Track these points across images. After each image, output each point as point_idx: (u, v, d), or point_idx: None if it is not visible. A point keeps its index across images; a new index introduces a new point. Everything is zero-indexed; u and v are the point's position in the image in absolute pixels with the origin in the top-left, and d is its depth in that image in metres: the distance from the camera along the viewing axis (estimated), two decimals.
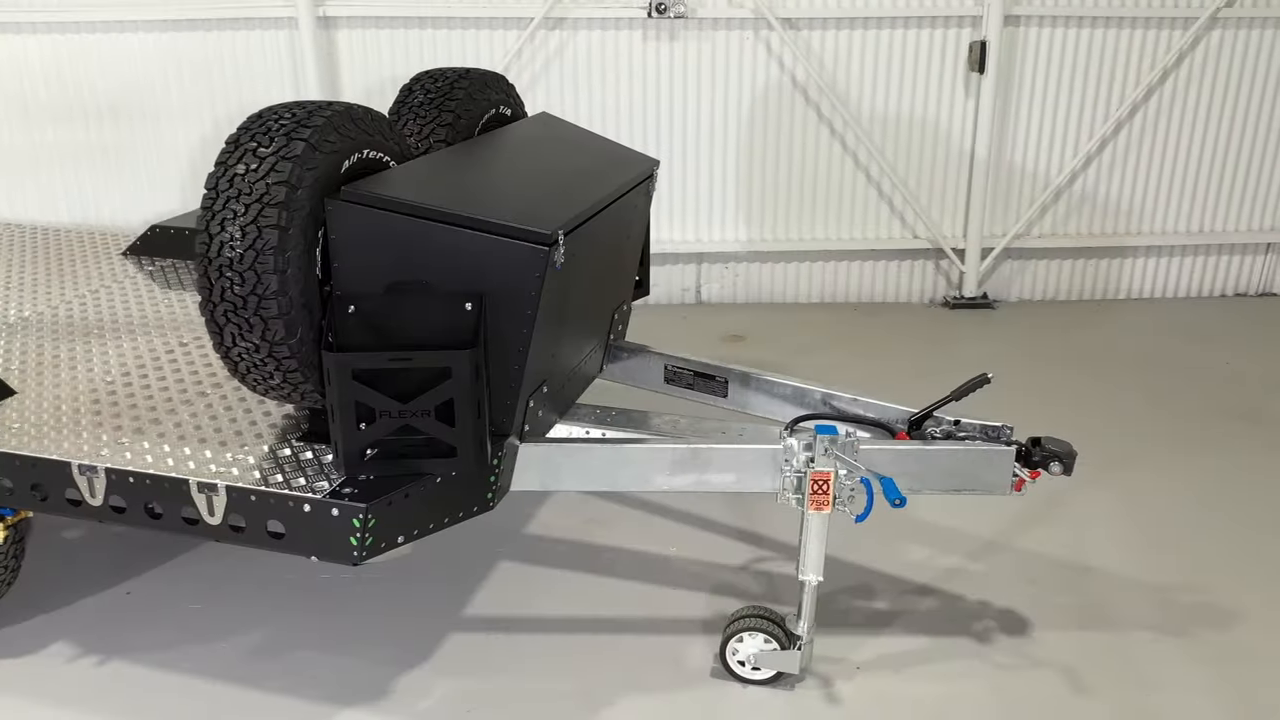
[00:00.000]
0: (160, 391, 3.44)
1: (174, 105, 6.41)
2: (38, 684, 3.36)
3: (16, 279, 4.58)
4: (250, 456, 3.00)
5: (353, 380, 2.77)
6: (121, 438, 3.12)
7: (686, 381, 3.97)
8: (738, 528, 4.26)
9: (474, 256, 2.92)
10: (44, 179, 6.51)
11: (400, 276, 2.95)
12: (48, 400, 3.38)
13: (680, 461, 3.24)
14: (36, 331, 3.96)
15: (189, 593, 3.83)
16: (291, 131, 2.85)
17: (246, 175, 2.79)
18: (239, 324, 2.82)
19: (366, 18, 6.30)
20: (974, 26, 6.47)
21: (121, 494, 2.97)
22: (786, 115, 6.61)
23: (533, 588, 3.87)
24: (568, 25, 6.37)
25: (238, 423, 3.22)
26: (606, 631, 3.63)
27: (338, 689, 3.34)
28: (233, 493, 2.85)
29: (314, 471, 2.92)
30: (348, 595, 3.81)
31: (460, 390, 2.79)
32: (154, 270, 4.70)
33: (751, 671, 3.35)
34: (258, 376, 2.94)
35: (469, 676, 3.40)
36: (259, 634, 3.61)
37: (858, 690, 3.34)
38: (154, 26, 6.26)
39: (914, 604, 3.77)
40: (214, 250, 2.78)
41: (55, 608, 3.74)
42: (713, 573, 3.97)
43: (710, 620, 3.67)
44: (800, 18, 6.39)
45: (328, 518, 2.78)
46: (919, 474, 3.22)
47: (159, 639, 3.57)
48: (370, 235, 2.91)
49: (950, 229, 6.89)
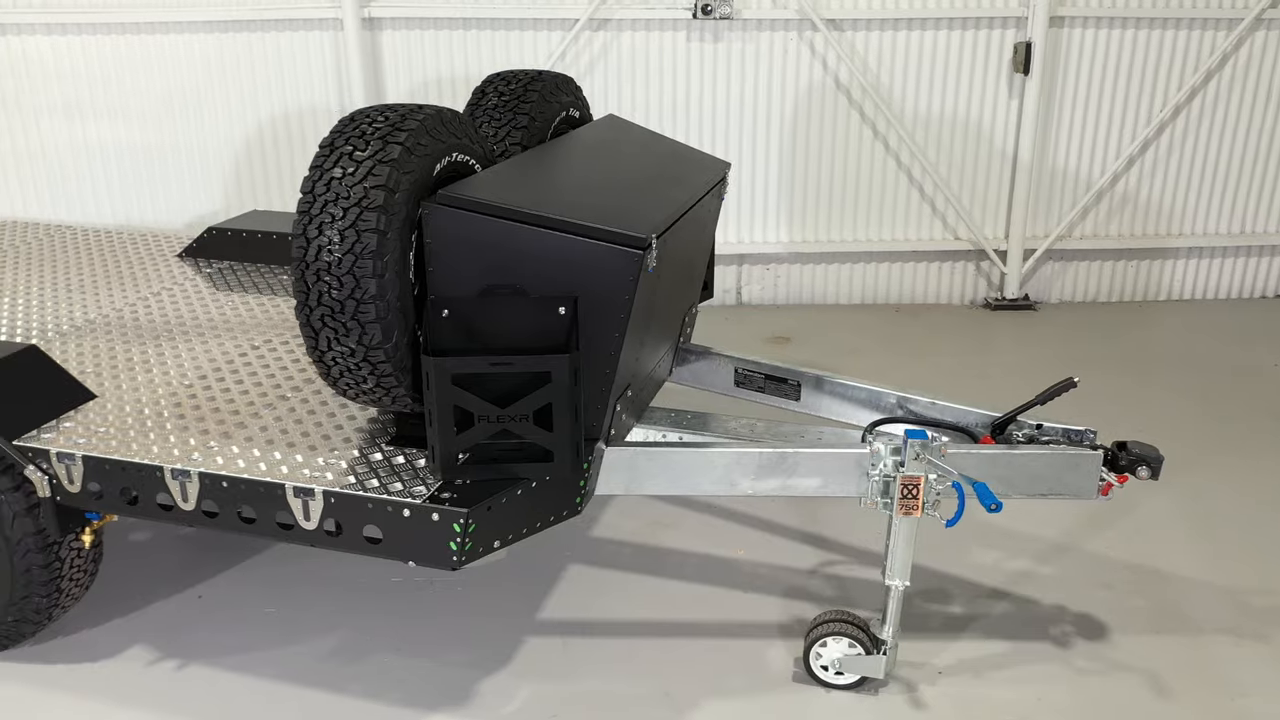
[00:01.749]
0: (240, 395, 3.44)
1: (217, 106, 6.40)
2: (121, 687, 3.35)
3: (76, 281, 4.58)
4: (342, 461, 3.00)
5: (452, 384, 2.76)
6: (209, 441, 3.12)
7: (758, 385, 3.96)
8: (802, 530, 4.25)
9: (568, 260, 2.91)
10: (86, 179, 6.50)
11: (493, 280, 2.94)
12: (128, 403, 3.38)
13: (766, 465, 3.23)
14: (106, 334, 3.96)
15: (260, 596, 3.82)
16: (387, 135, 2.84)
17: (344, 179, 2.78)
18: (335, 328, 2.82)
19: (411, 19, 6.29)
20: (1018, 27, 6.46)
21: (214, 498, 2.96)
22: (829, 116, 6.60)
23: (604, 591, 3.86)
24: (611, 26, 6.36)
25: (323, 426, 3.21)
26: (683, 635, 3.62)
27: (421, 693, 3.33)
28: (330, 497, 2.84)
29: (409, 476, 2.92)
30: (420, 599, 3.80)
31: (559, 394, 2.79)
32: (212, 272, 4.69)
33: (835, 676, 3.34)
34: (350, 380, 2.94)
35: (551, 680, 3.39)
36: (335, 637, 3.60)
37: (941, 695, 3.33)
38: (198, 28, 6.25)
39: (989, 608, 3.76)
40: (311, 254, 2.78)
41: (128, 611, 3.73)
42: (782, 576, 3.96)
43: (787, 624, 3.66)
44: (844, 19, 6.38)
45: (427, 522, 2.78)
46: (1006, 478, 3.21)
47: (236, 642, 3.57)
48: (465, 239, 2.90)
49: (991, 230, 6.88)
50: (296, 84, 6.37)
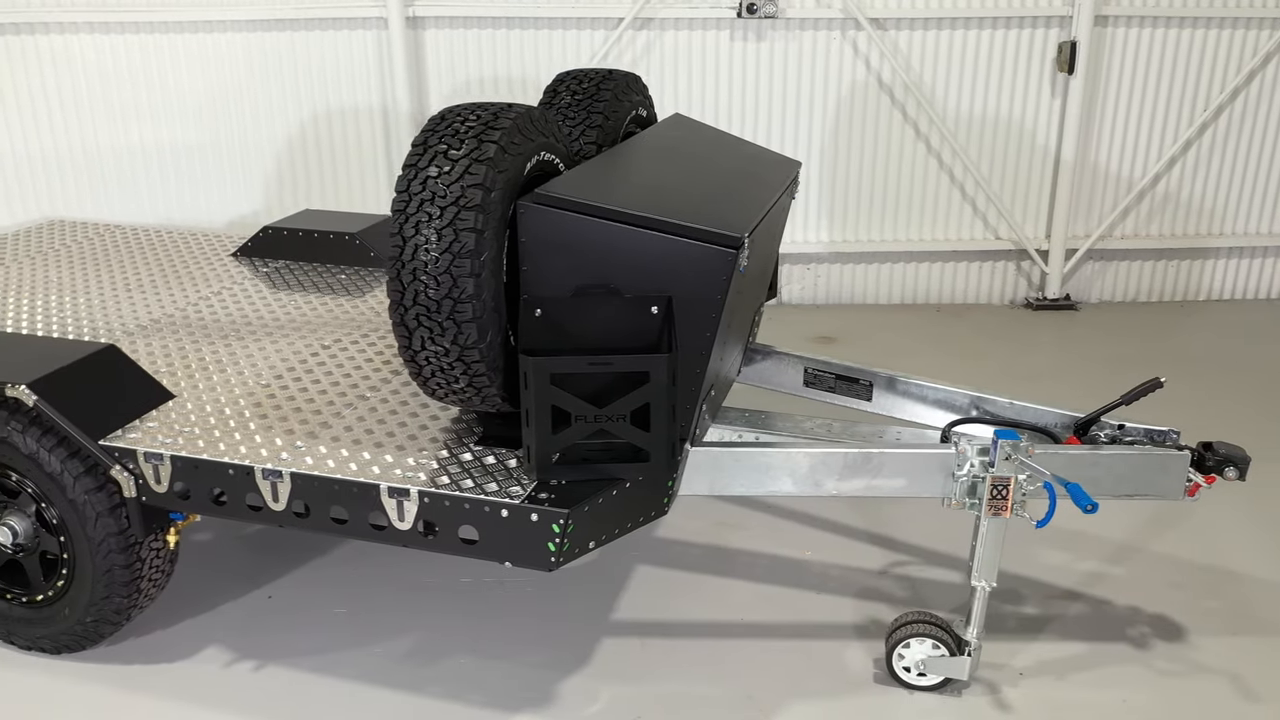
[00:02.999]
0: (319, 394, 3.42)
1: (259, 105, 6.39)
2: (200, 688, 3.34)
3: (135, 280, 4.56)
4: (432, 461, 2.98)
5: (550, 384, 2.75)
6: (295, 441, 3.10)
7: (828, 384, 3.94)
8: (867, 531, 4.24)
9: (662, 260, 2.90)
10: (128, 178, 6.48)
11: (586, 279, 2.93)
12: (208, 403, 3.36)
13: (851, 466, 3.21)
14: (173, 333, 3.94)
15: (330, 597, 3.80)
16: (481, 134, 2.83)
17: (440, 178, 2.76)
18: (431, 328, 2.80)
19: (454, 18, 6.27)
20: (1061, 26, 6.44)
21: (306, 499, 2.95)
22: (871, 116, 6.58)
23: (675, 592, 3.85)
24: (655, 25, 6.35)
25: (407, 426, 3.20)
26: (759, 636, 3.60)
27: (502, 695, 3.32)
28: (425, 497, 2.83)
29: (502, 477, 2.90)
30: (491, 600, 3.79)
31: (657, 394, 2.77)
32: (269, 272, 4.68)
33: (917, 677, 3.32)
34: (442, 380, 2.92)
35: (631, 682, 3.38)
36: (410, 639, 3.58)
37: (1025, 697, 3.31)
38: (241, 26, 6.23)
39: (1063, 609, 3.74)
40: (408, 253, 2.76)
41: (199, 612, 3.71)
42: (852, 577, 3.94)
43: (862, 625, 3.65)
44: (888, 18, 6.36)
45: (526, 523, 2.76)
46: (1093, 479, 3.19)
47: (311, 644, 3.55)
48: (559, 238, 2.88)
49: (1032, 230, 6.86)
50: (339, 83, 6.36)
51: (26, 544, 3.34)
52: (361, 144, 6.47)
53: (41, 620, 3.39)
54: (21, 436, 3.14)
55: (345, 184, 6.55)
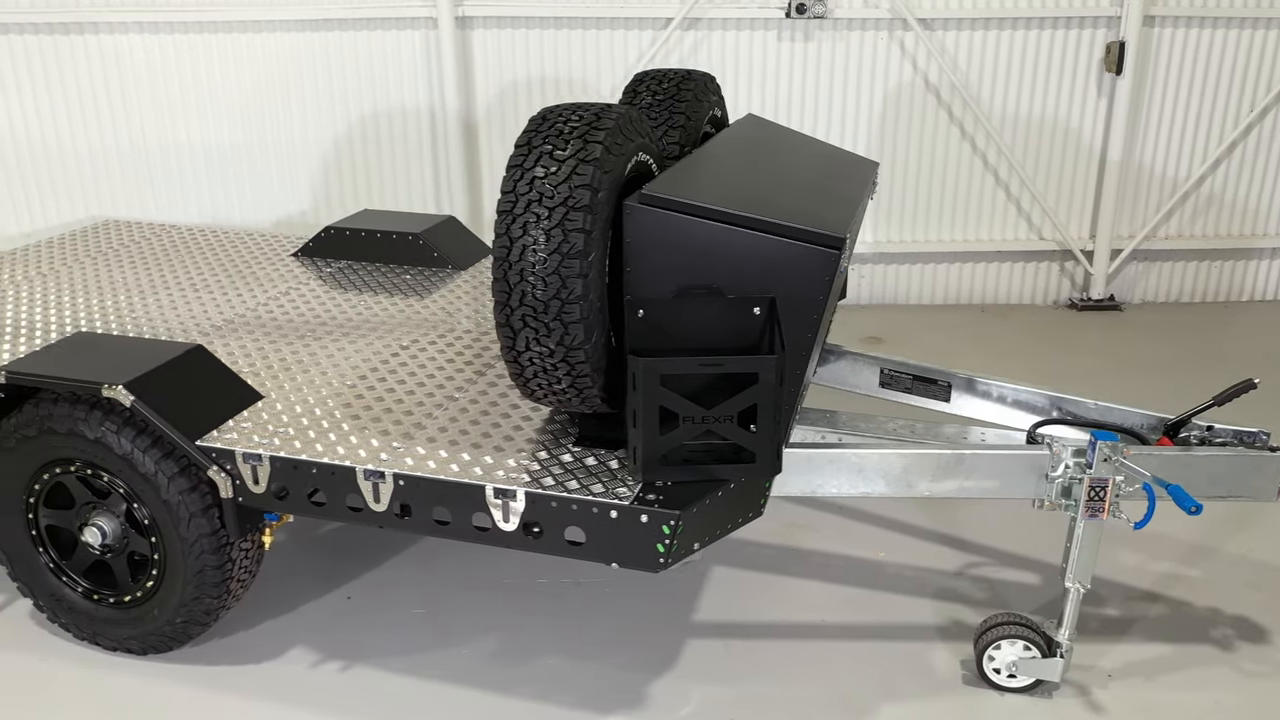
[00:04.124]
0: (407, 395, 3.42)
1: (306, 105, 6.38)
2: (288, 689, 3.34)
3: (200, 280, 4.56)
4: (533, 462, 2.98)
5: (660, 385, 2.74)
6: (392, 442, 3.10)
7: (904, 385, 3.94)
8: (938, 532, 4.23)
9: (765, 260, 2.89)
10: (175, 177, 6.48)
11: (687, 280, 2.92)
12: (296, 404, 3.36)
13: (945, 467, 3.21)
14: (250, 334, 3.94)
15: (408, 598, 3.80)
16: (585, 134, 2.82)
17: (547, 178, 2.76)
18: (537, 328, 2.79)
19: (503, 18, 6.27)
20: (1109, 27, 6.43)
21: (408, 500, 2.94)
22: (918, 116, 6.57)
23: (752, 593, 3.84)
24: (703, 25, 6.34)
25: (501, 427, 3.19)
26: (842, 638, 3.60)
27: (593, 696, 3.31)
28: (532, 499, 2.82)
29: (606, 478, 2.90)
30: (570, 600, 3.78)
31: (765, 395, 2.76)
32: (333, 272, 4.67)
33: (1008, 679, 3.32)
34: (544, 381, 2.91)
35: (720, 683, 3.38)
36: (495, 639, 3.58)
37: (1116, 699, 3.31)
38: (290, 26, 6.23)
39: (1144, 610, 3.74)
40: (515, 254, 2.75)
41: (279, 613, 3.71)
42: (928, 578, 3.94)
43: (945, 626, 3.64)
44: (936, 18, 6.35)
45: (636, 524, 2.76)
46: (1185, 481, 3.17)
47: (394, 644, 3.55)
48: (664, 238, 2.88)
49: (1076, 230, 6.85)
50: (387, 83, 6.35)
51: (114, 545, 3.33)
52: (408, 144, 6.47)
53: (130, 621, 3.38)
54: (116, 437, 3.13)
55: (391, 184, 6.54)
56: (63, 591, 3.43)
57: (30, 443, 3.25)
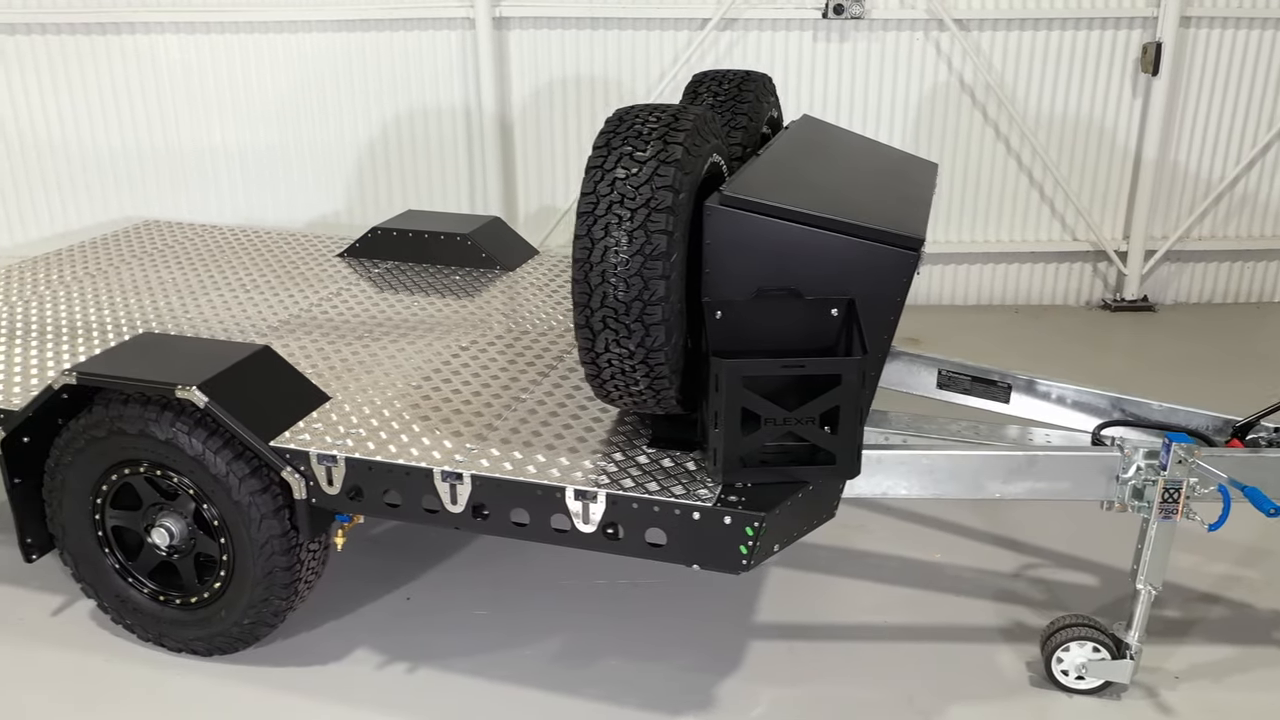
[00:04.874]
0: (473, 396, 3.41)
1: (341, 105, 6.38)
2: (355, 690, 3.33)
3: (249, 281, 4.55)
4: (609, 464, 2.97)
5: (743, 387, 2.74)
6: (465, 444, 3.09)
7: (963, 386, 3.93)
8: (991, 533, 4.23)
9: (843, 261, 2.89)
10: (209, 178, 6.48)
11: (766, 281, 2.92)
12: (364, 405, 3.35)
13: (1016, 469, 3.20)
14: (308, 334, 3.93)
15: (470, 599, 3.80)
16: (665, 135, 2.82)
17: (628, 179, 2.76)
18: (617, 329, 2.79)
19: (539, 18, 6.26)
20: (1144, 27, 6.43)
21: (486, 501, 2.94)
22: (953, 116, 6.57)
23: (811, 594, 3.84)
24: (739, 26, 6.34)
25: (573, 429, 3.19)
26: (905, 639, 3.60)
27: (661, 697, 3.31)
28: (613, 500, 2.82)
29: (685, 479, 2.89)
30: (630, 601, 3.78)
31: (848, 397, 2.76)
32: (380, 273, 4.67)
33: (1076, 681, 3.32)
34: (621, 383, 2.91)
35: (788, 685, 3.37)
36: (558, 640, 3.58)
37: (1185, 700, 3.30)
38: (326, 27, 6.23)
39: (1205, 612, 3.73)
40: (596, 255, 2.75)
41: (341, 614, 3.71)
42: (986, 579, 3.93)
43: (1007, 628, 3.64)
44: (972, 18, 6.35)
45: (719, 526, 2.75)
46: (1257, 483, 3.17)
47: (458, 645, 3.55)
48: (743, 239, 2.88)
49: (1109, 231, 6.85)
50: (423, 83, 6.35)
51: (182, 546, 3.33)
52: (444, 144, 6.46)
53: (196, 622, 3.38)
54: (187, 438, 3.13)
55: (426, 184, 6.54)
56: (128, 593, 3.43)
57: (99, 444, 3.25)
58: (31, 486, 3.41)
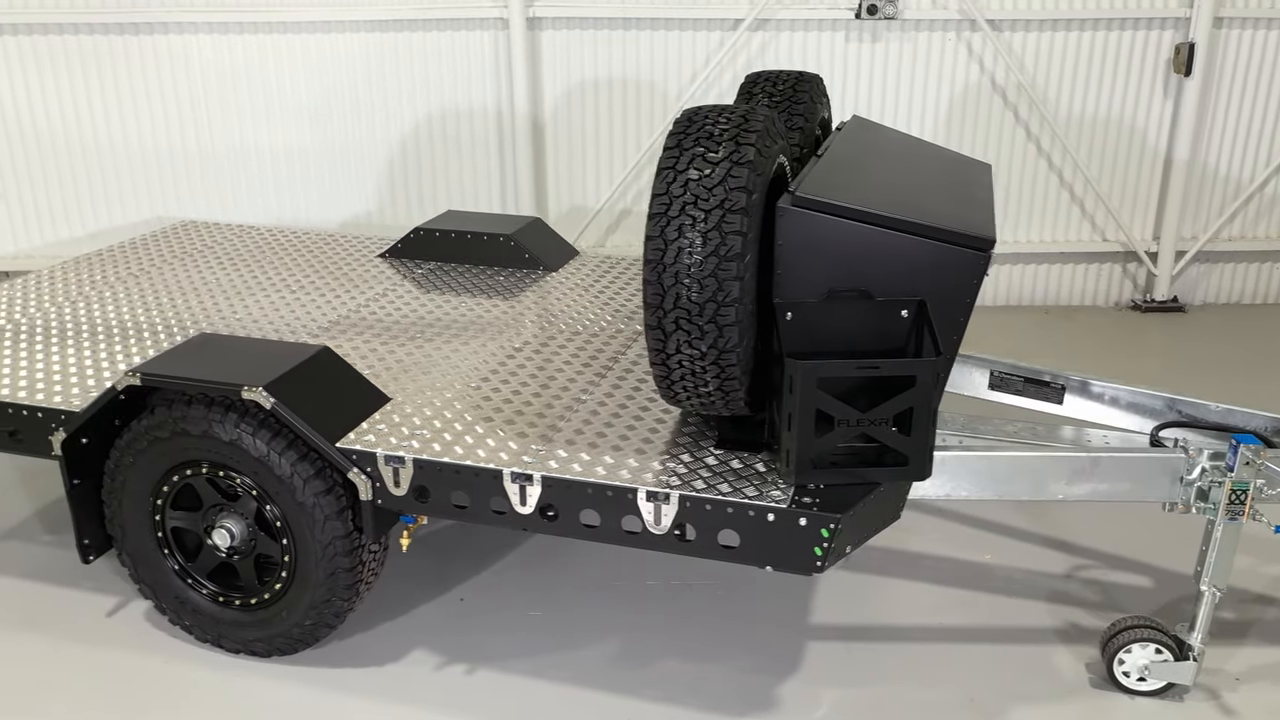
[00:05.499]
0: (533, 397, 3.41)
1: (374, 105, 6.38)
2: (415, 691, 3.33)
3: (293, 282, 4.55)
4: (678, 465, 2.97)
5: (817, 388, 2.73)
6: (530, 445, 3.09)
7: (1015, 388, 3.93)
8: (1040, 534, 4.22)
9: (914, 262, 2.89)
10: (240, 178, 6.47)
11: (836, 282, 2.92)
12: (424, 406, 3.35)
13: (1080, 471, 3.20)
14: (361, 335, 3.93)
15: (522, 600, 3.79)
16: (737, 136, 2.81)
17: (701, 180, 2.75)
18: (690, 331, 2.78)
19: (572, 18, 6.26)
20: (1176, 28, 6.42)
21: (555, 502, 2.93)
22: (984, 116, 6.56)
23: (865, 595, 3.84)
24: (771, 26, 6.33)
25: (637, 430, 3.18)
26: (962, 640, 3.59)
27: (722, 699, 3.31)
28: (686, 502, 2.81)
29: (756, 480, 2.89)
30: (683, 602, 3.78)
31: (921, 398, 2.76)
32: (424, 274, 4.66)
33: (1137, 683, 3.31)
34: (690, 384, 2.90)
35: (848, 686, 3.37)
36: (614, 642, 3.57)
37: (1246, 702, 3.30)
38: (360, 27, 6.22)
39: (1260, 613, 3.73)
40: (670, 257, 2.75)
41: (394, 615, 3.70)
42: (1038, 580, 3.93)
43: (1062, 629, 3.63)
44: (1004, 19, 6.34)
45: (794, 528, 2.75)
46: None
47: (515, 646, 3.54)
48: (815, 241, 2.87)
49: (1139, 231, 6.84)
50: (455, 84, 6.35)
51: (242, 547, 3.33)
52: (475, 144, 6.46)
53: (256, 623, 3.38)
54: (252, 439, 3.13)
55: (458, 184, 6.54)
56: (188, 594, 3.42)
57: (161, 445, 3.24)
58: (90, 487, 3.41)
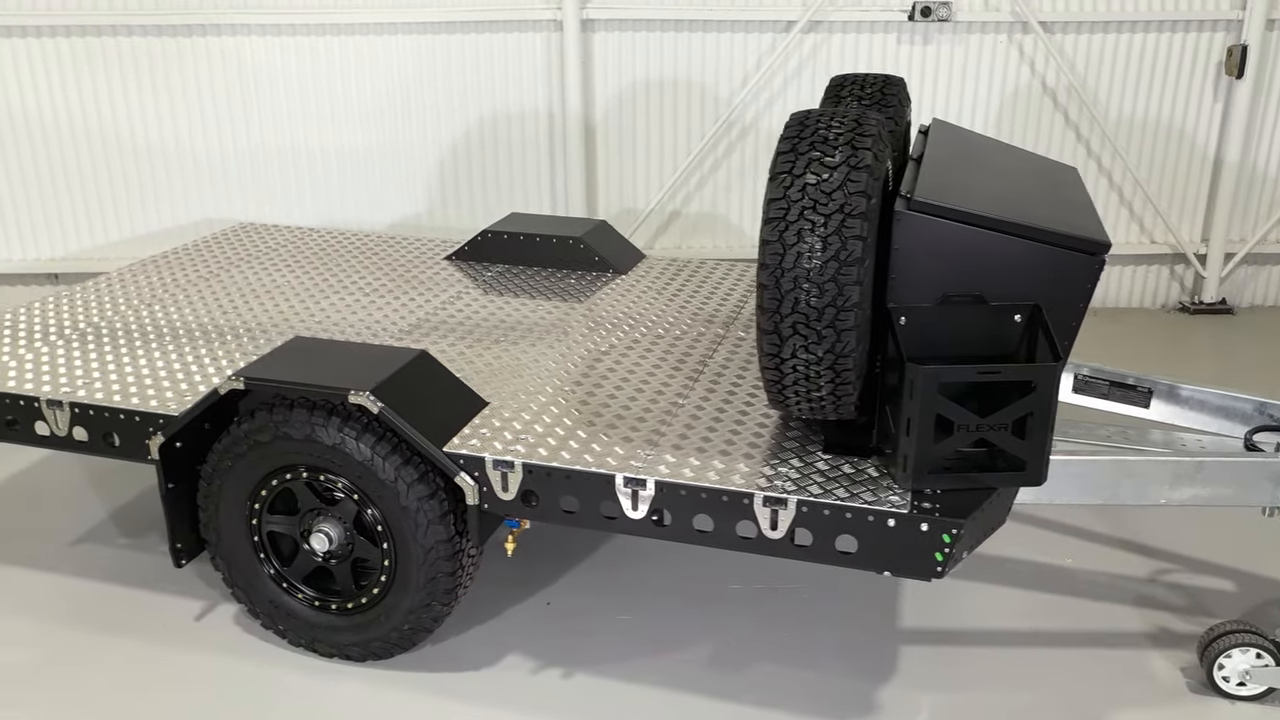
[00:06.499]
0: (630, 400, 3.40)
1: (425, 107, 6.37)
2: (515, 695, 3.33)
3: (366, 285, 4.54)
4: (790, 470, 2.96)
5: (938, 393, 2.73)
6: (636, 449, 3.08)
7: (1100, 391, 3.92)
8: (1116, 537, 4.21)
9: (1029, 267, 2.88)
10: (290, 179, 6.46)
11: (950, 287, 2.91)
12: (522, 410, 3.34)
13: (1183, 475, 3.19)
14: (445, 338, 3.92)
15: (608, 603, 3.79)
16: (853, 141, 2.80)
17: (820, 185, 2.74)
18: (807, 335, 2.78)
19: (625, 20, 6.26)
20: (1228, 30, 6.42)
21: (667, 507, 2.93)
22: (1034, 119, 6.56)
23: (951, 599, 3.83)
24: (823, 28, 6.33)
25: (741, 434, 3.18)
26: (1053, 645, 3.59)
27: (823, 703, 3.30)
28: (804, 507, 2.81)
29: (870, 485, 2.88)
30: (771, 606, 3.77)
31: (1042, 403, 2.75)
32: (492, 276, 4.66)
33: (1237, 688, 3.30)
34: (802, 389, 2.89)
35: (947, 691, 3.36)
36: (706, 646, 3.57)
37: None
38: (412, 29, 6.22)
39: None
40: (789, 261, 2.74)
41: (484, 618, 3.70)
42: (1122, 584, 3.92)
43: (1153, 633, 3.63)
44: (1056, 21, 6.34)
45: (915, 533, 2.74)
46: None
47: (608, 650, 3.54)
48: (931, 245, 2.87)
49: (1188, 233, 6.83)
50: (507, 86, 6.34)
51: (339, 551, 3.32)
52: (525, 146, 6.46)
53: (354, 627, 3.37)
54: (356, 443, 3.12)
55: (508, 186, 6.53)
56: (282, 598, 3.42)
57: (262, 448, 3.24)
58: (182, 491, 3.41)
